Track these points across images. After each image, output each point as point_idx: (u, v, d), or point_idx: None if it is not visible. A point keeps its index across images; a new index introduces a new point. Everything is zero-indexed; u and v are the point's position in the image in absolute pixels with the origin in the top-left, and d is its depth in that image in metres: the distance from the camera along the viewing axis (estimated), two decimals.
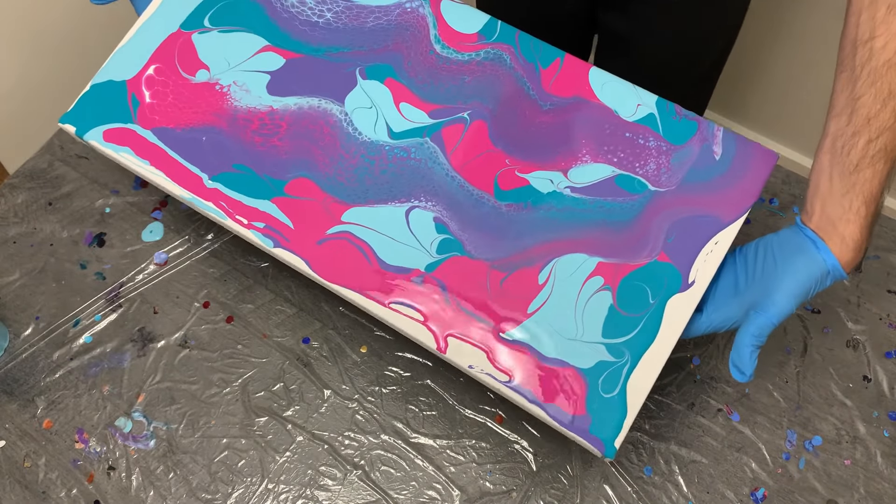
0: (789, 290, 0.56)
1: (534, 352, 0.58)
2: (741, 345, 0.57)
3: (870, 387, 0.70)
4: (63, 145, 0.84)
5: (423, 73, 0.66)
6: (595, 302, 0.59)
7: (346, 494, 0.66)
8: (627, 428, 0.57)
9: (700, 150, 0.62)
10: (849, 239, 0.55)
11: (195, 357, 0.72)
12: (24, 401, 0.71)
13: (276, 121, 0.65)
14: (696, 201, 0.61)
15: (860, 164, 0.54)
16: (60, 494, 0.67)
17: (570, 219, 0.62)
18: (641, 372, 0.58)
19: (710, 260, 0.60)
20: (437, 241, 0.61)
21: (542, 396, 0.57)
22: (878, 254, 0.76)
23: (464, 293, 0.60)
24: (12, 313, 0.75)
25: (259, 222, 0.62)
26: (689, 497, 0.66)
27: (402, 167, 0.63)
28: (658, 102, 0.64)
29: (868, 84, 0.52)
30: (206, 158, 0.64)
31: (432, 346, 0.59)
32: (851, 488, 0.66)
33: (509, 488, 0.66)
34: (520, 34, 0.67)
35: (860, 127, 0.53)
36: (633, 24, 0.89)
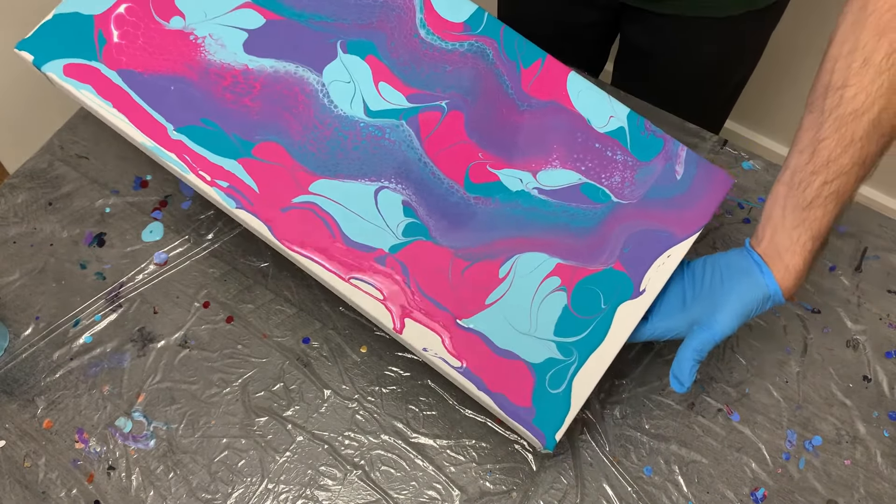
0: (733, 309, 0.59)
1: (487, 342, 0.60)
2: (683, 358, 0.60)
3: (870, 387, 0.70)
4: (63, 145, 0.84)
5: (405, 55, 0.66)
6: (550, 301, 0.61)
7: (346, 494, 0.66)
8: (569, 422, 0.59)
9: (663, 168, 0.65)
10: (792, 268, 0.58)
11: (195, 357, 0.72)
12: (24, 401, 0.71)
13: (250, 81, 0.63)
14: (655, 216, 0.64)
15: (813, 202, 0.56)
16: (60, 494, 0.67)
17: (535, 219, 0.63)
18: (587, 371, 0.60)
19: (661, 271, 0.62)
20: (403, 223, 0.62)
21: (490, 385, 0.59)
22: (878, 254, 0.76)
23: (425, 278, 0.61)
24: (12, 313, 0.75)
25: (223, 181, 0.61)
26: (689, 497, 0.66)
27: (375, 146, 0.63)
28: (629, 116, 0.66)
29: (833, 129, 0.55)
30: (173, 109, 0.62)
31: (389, 325, 0.60)
32: (851, 488, 0.66)
33: (509, 488, 0.66)
34: (505, 29, 0.67)
35: (819, 167, 0.56)
36: (654, 39, 0.89)
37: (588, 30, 0.94)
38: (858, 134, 0.54)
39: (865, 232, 0.77)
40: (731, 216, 0.78)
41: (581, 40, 0.94)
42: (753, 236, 0.61)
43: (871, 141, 0.54)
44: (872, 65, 0.53)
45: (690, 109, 0.86)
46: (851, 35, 0.54)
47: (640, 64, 0.94)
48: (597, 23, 0.92)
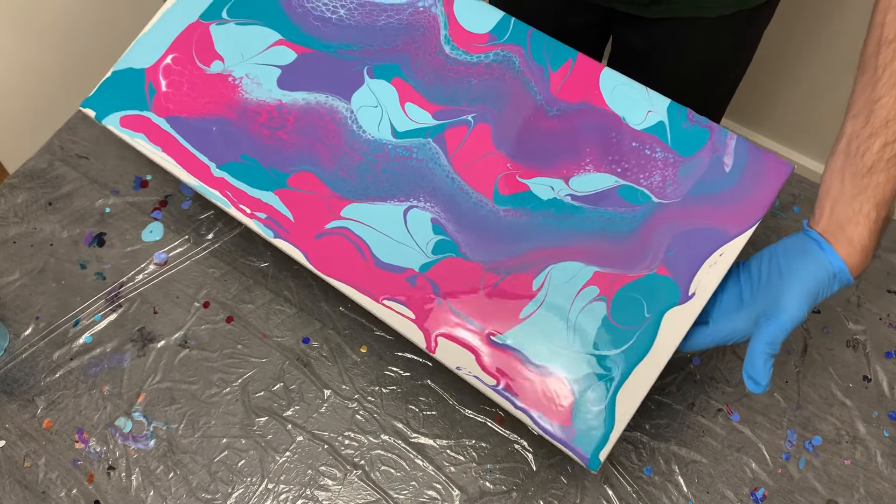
0: (797, 293, 0.54)
1: (523, 358, 0.58)
2: (754, 354, 0.55)
3: (870, 387, 0.70)
4: (63, 145, 0.84)
5: (430, 73, 0.66)
6: (589, 312, 0.58)
7: (346, 494, 0.66)
8: (613, 442, 0.56)
9: (709, 161, 0.61)
10: (856, 241, 0.53)
11: (195, 357, 0.72)
12: (24, 401, 0.71)
13: (284, 114, 0.66)
14: (701, 214, 0.60)
15: (875, 166, 0.52)
16: (60, 494, 0.67)
17: (569, 227, 0.61)
18: (631, 386, 0.57)
19: (712, 272, 0.58)
20: (433, 241, 0.61)
21: (528, 403, 0.57)
22: (878, 254, 0.76)
23: (456, 295, 0.60)
24: (12, 313, 0.75)
25: (261, 213, 0.63)
26: (689, 497, 0.66)
27: (403, 167, 0.64)
28: (670, 108, 0.63)
29: (890, 86, 0.51)
30: (215, 148, 0.66)
31: (422, 345, 0.59)
32: (851, 488, 0.66)
33: (509, 488, 0.66)
34: (532, 33, 0.66)
35: (877, 129, 0.52)
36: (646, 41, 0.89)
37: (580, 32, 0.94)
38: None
39: None
40: None
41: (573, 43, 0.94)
42: (811, 217, 0.56)
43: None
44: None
45: None
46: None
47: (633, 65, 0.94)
48: (588, 25, 0.92)
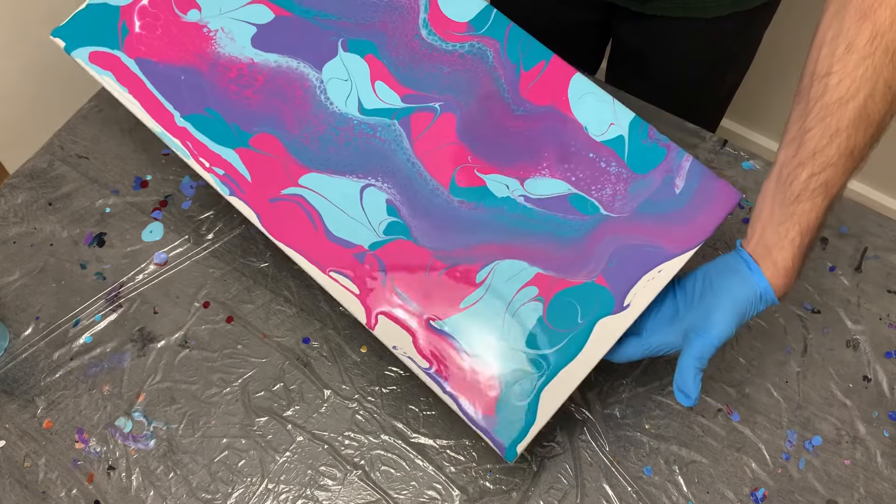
0: (727, 311, 0.56)
1: (457, 345, 0.60)
2: (684, 368, 0.57)
3: (870, 387, 0.70)
4: (63, 145, 0.84)
5: (404, 55, 0.66)
6: (526, 310, 0.60)
7: (346, 494, 0.66)
8: (532, 436, 0.58)
9: (661, 181, 0.63)
10: (781, 265, 0.56)
11: (195, 357, 0.72)
12: (24, 401, 0.71)
13: (254, 73, 0.66)
14: (646, 231, 0.61)
15: (801, 195, 0.54)
16: (60, 494, 0.67)
17: (519, 226, 0.62)
18: (556, 386, 0.59)
19: (649, 287, 0.60)
20: (385, 222, 0.62)
21: (456, 389, 0.59)
22: (878, 254, 0.76)
23: (402, 276, 0.61)
24: (12, 313, 0.75)
25: (219, 168, 0.64)
26: (689, 497, 0.66)
27: (365, 144, 0.64)
28: (632, 123, 0.64)
29: (818, 119, 0.53)
30: (181, 97, 0.65)
31: (363, 320, 0.61)
32: (851, 488, 0.66)
33: (509, 488, 0.66)
34: (511, 28, 0.67)
35: (805, 159, 0.54)
36: (643, 40, 0.89)
37: (580, 30, 0.94)
38: (844, 123, 0.52)
39: (865, 232, 0.77)
40: (731, 216, 0.78)
41: (573, 40, 0.94)
42: (744, 237, 0.59)
43: (858, 130, 0.52)
44: (856, 50, 0.51)
45: (684, 109, 0.86)
46: (835, 21, 0.53)
47: (632, 65, 0.94)
48: (588, 23, 0.93)
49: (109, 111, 0.86)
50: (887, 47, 0.50)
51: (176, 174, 0.81)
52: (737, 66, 0.94)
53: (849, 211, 0.78)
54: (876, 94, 0.51)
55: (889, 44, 0.50)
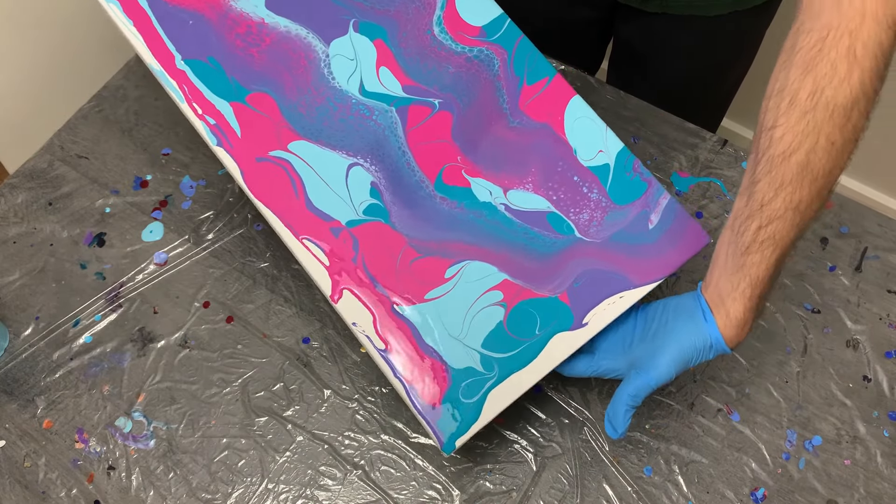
0: (671, 356, 0.57)
1: (416, 334, 0.61)
2: (617, 403, 0.59)
3: (870, 387, 0.70)
4: (63, 145, 0.84)
5: (413, 48, 0.66)
6: (487, 313, 0.62)
7: (346, 494, 0.66)
8: (472, 433, 0.60)
9: (637, 215, 0.64)
10: (733, 316, 0.56)
11: (195, 357, 0.72)
12: (24, 401, 0.71)
13: (262, 34, 0.66)
14: (615, 259, 0.63)
15: (751, 247, 0.54)
16: (60, 494, 0.67)
17: (495, 232, 0.64)
18: (504, 389, 0.61)
19: (608, 310, 0.62)
20: (366, 203, 0.63)
21: (405, 376, 0.60)
22: (877, 254, 0.76)
23: (373, 257, 0.62)
24: (12, 313, 0.75)
25: (211, 118, 0.64)
26: (689, 497, 0.66)
27: (360, 124, 0.65)
28: (620, 154, 0.65)
29: (765, 171, 0.53)
30: (186, 40, 0.65)
31: (327, 292, 0.62)
32: (851, 488, 0.66)
33: (509, 488, 0.66)
34: (521, 41, 0.67)
35: (754, 211, 0.54)
36: (645, 38, 0.89)
37: (583, 28, 0.94)
38: (788, 177, 0.52)
39: (865, 232, 0.77)
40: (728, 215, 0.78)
41: (576, 38, 0.95)
42: (704, 279, 0.59)
43: (803, 184, 0.52)
44: (798, 104, 0.51)
45: (685, 108, 0.86)
46: (782, 73, 0.52)
47: (634, 63, 0.94)
48: (591, 20, 0.93)
49: (109, 111, 0.86)
50: (827, 102, 0.50)
51: (176, 174, 0.81)
52: (738, 65, 0.94)
53: (849, 211, 0.78)
54: (818, 149, 0.51)
55: (829, 99, 0.50)
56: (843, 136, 0.51)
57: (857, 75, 0.49)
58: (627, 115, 0.83)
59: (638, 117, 0.83)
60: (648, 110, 0.83)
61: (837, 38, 0.49)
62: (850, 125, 0.50)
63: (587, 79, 0.85)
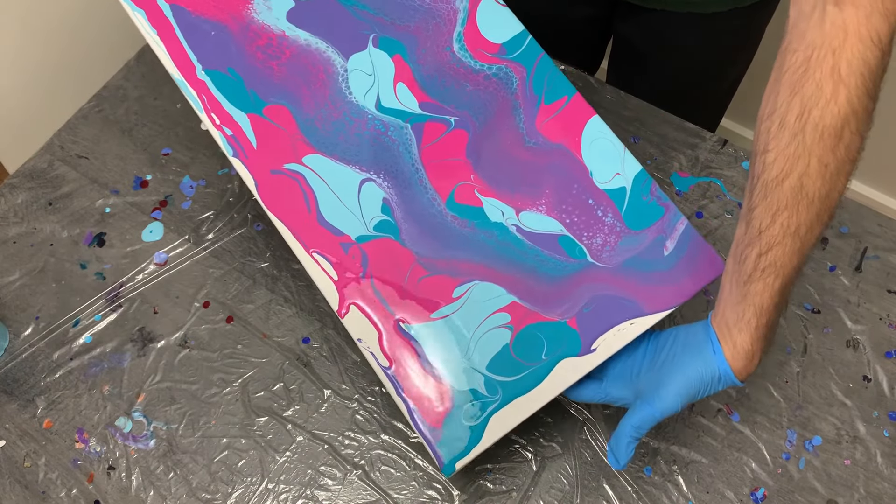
0: (677, 388, 0.56)
1: (420, 353, 0.61)
2: (621, 434, 0.57)
3: (870, 387, 0.70)
4: (63, 145, 0.84)
5: (431, 64, 0.66)
6: (494, 335, 0.61)
7: (346, 494, 0.66)
8: (473, 456, 0.59)
9: (652, 241, 0.63)
10: (739, 347, 0.55)
11: (195, 357, 0.72)
12: (24, 401, 0.71)
13: (283, 47, 0.66)
14: (627, 286, 0.62)
15: (752, 275, 0.53)
16: (60, 494, 0.67)
17: (505, 253, 0.63)
18: (506, 414, 0.60)
19: (618, 336, 0.61)
20: (378, 219, 0.63)
21: (409, 395, 0.60)
22: (877, 254, 0.76)
23: (382, 274, 0.62)
24: (12, 313, 0.75)
25: (228, 128, 0.64)
26: (689, 497, 0.66)
27: (375, 139, 0.65)
28: (637, 176, 0.64)
29: (761, 196, 0.51)
30: (207, 51, 0.65)
31: (335, 306, 0.62)
32: (851, 488, 0.66)
33: (509, 488, 0.66)
34: (542, 58, 0.66)
35: (753, 238, 0.52)
36: (644, 36, 0.89)
37: (582, 25, 0.94)
38: (783, 202, 0.50)
39: (865, 232, 0.77)
40: (731, 216, 0.78)
41: (575, 36, 0.95)
42: (714, 309, 0.57)
43: (799, 209, 0.50)
44: (787, 126, 0.49)
45: (684, 107, 0.86)
46: (771, 96, 0.51)
47: (633, 61, 0.94)
48: (591, 18, 0.93)
49: (109, 111, 0.86)
50: (815, 124, 0.48)
51: (176, 174, 0.81)
52: (737, 62, 0.94)
53: (849, 211, 0.78)
54: (811, 172, 0.49)
55: (817, 120, 0.48)
56: (837, 158, 0.49)
57: (843, 94, 0.48)
58: (627, 115, 0.83)
59: (638, 117, 0.83)
60: (648, 110, 0.83)
61: (821, 57, 0.48)
62: (842, 146, 0.49)
63: (587, 79, 0.86)
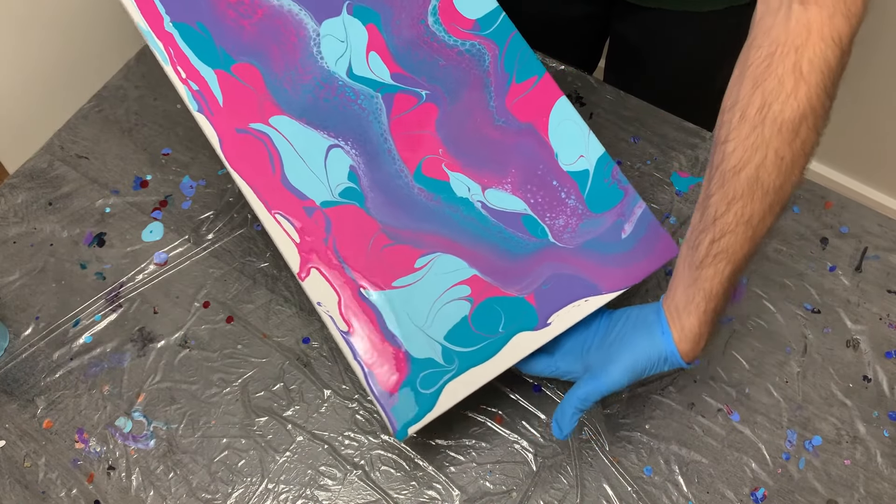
0: (625, 365, 0.58)
1: (379, 320, 0.62)
2: (566, 404, 0.60)
3: (870, 387, 0.70)
4: (63, 145, 0.84)
5: (405, 36, 0.66)
6: (453, 306, 0.62)
7: (346, 494, 0.66)
8: (426, 422, 0.61)
9: (611, 224, 0.65)
10: (688, 330, 0.57)
11: (195, 357, 0.72)
12: (24, 401, 0.71)
13: (255, 6, 0.65)
14: (585, 266, 0.64)
15: (704, 260, 0.54)
16: (60, 494, 0.67)
17: (469, 228, 0.64)
18: (460, 382, 0.61)
19: (571, 313, 0.63)
20: (343, 185, 0.63)
21: (365, 360, 0.61)
22: (877, 254, 0.76)
23: (345, 240, 0.63)
24: (12, 313, 0.75)
25: (194, 83, 0.63)
26: (689, 497, 0.66)
27: (345, 106, 0.64)
28: (600, 160, 0.66)
29: (718, 185, 0.53)
30: (176, 3, 0.64)
31: (295, 269, 0.62)
32: (851, 488, 0.66)
33: (509, 488, 0.66)
34: (514, 36, 0.67)
35: (707, 225, 0.54)
36: (641, 34, 0.89)
37: (580, 24, 0.94)
38: (739, 191, 0.52)
39: (865, 232, 0.77)
40: None
41: (573, 35, 0.95)
42: (665, 292, 0.60)
43: (754, 199, 0.52)
44: (748, 119, 0.51)
45: (683, 106, 0.86)
46: (735, 88, 0.53)
47: (630, 60, 0.94)
48: (588, 17, 0.93)
49: (109, 111, 0.86)
50: (774, 118, 0.50)
51: (176, 174, 0.81)
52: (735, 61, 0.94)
53: (849, 211, 0.78)
54: (767, 163, 0.51)
55: (776, 114, 0.50)
56: (793, 151, 0.51)
57: (803, 91, 0.49)
58: (627, 115, 0.83)
59: (638, 117, 0.83)
60: (648, 110, 0.83)
61: (784, 53, 0.50)
62: (798, 140, 0.51)
63: (587, 78, 0.86)
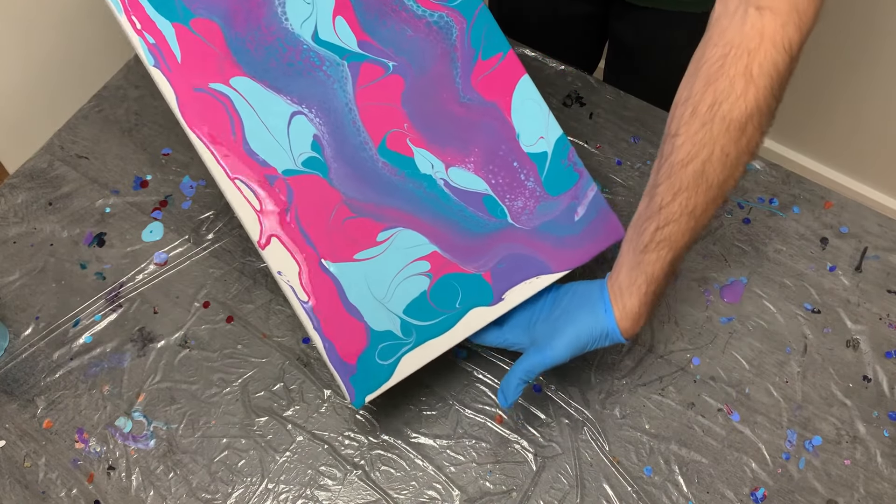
0: (568, 339, 0.61)
1: (340, 291, 0.62)
2: (512, 375, 0.62)
3: (870, 387, 0.70)
4: (63, 145, 0.84)
5: (374, 4, 0.65)
6: (413, 281, 0.64)
7: (346, 494, 0.66)
8: (383, 390, 0.63)
9: (566, 207, 0.67)
10: (629, 309, 0.60)
11: (195, 357, 0.72)
12: (24, 401, 0.71)
13: None
14: (539, 247, 0.66)
15: (648, 245, 0.57)
16: (60, 494, 0.67)
17: (431, 205, 0.65)
18: (417, 354, 0.63)
19: (522, 290, 0.65)
20: (306, 155, 0.63)
21: (325, 330, 0.62)
22: (877, 254, 0.76)
23: (307, 210, 0.62)
24: (12, 313, 0.75)
25: (150, 36, 0.60)
26: (689, 497, 0.66)
27: (309, 72, 0.63)
28: (558, 141, 0.67)
29: (666, 176, 0.55)
30: None
31: (255, 237, 0.61)
32: (851, 488, 0.66)
33: (509, 488, 0.66)
34: (481, 10, 0.66)
35: (653, 213, 0.57)
36: (638, 34, 0.90)
37: (579, 24, 0.94)
38: (685, 183, 0.55)
39: (865, 232, 0.77)
40: (730, 216, 0.78)
41: (572, 35, 0.95)
42: (610, 272, 0.62)
43: (698, 191, 0.55)
44: (698, 115, 0.53)
45: None
46: (688, 83, 0.55)
47: (628, 60, 0.95)
48: (587, 16, 0.93)
49: (109, 111, 0.86)
50: (724, 116, 0.52)
51: (176, 174, 0.81)
52: None
53: (849, 211, 0.78)
54: (713, 159, 0.53)
55: (725, 113, 0.52)
56: (738, 149, 0.53)
57: (752, 93, 0.52)
58: (627, 115, 0.83)
59: (638, 117, 0.83)
60: (648, 110, 0.83)
61: (737, 56, 0.52)
62: (744, 139, 0.53)
63: (587, 78, 0.86)
